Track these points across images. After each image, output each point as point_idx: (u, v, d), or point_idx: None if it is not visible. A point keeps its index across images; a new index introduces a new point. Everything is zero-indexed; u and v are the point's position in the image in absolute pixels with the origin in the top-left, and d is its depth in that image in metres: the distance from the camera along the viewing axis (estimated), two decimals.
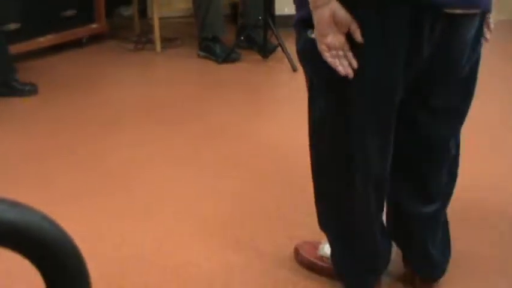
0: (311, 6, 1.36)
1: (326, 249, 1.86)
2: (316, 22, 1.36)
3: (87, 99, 3.47)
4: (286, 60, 3.89)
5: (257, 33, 4.16)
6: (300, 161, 2.60)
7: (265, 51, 4.07)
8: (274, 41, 4.04)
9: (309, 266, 1.92)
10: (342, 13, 1.33)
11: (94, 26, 4.45)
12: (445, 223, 1.81)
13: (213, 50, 4.13)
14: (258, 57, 4.12)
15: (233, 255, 2.01)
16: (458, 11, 1.37)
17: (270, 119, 3.26)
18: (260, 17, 4.01)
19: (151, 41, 4.41)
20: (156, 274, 1.92)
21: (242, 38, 4.19)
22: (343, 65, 1.38)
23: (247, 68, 4.02)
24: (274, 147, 2.83)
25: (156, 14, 4.32)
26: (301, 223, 2.13)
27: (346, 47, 1.37)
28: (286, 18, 4.52)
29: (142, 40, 4.47)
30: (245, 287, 1.87)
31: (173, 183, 2.51)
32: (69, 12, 4.23)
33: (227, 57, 4.07)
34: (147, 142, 2.91)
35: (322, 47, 1.38)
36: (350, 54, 1.38)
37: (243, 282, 1.89)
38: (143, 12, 4.97)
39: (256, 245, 2.06)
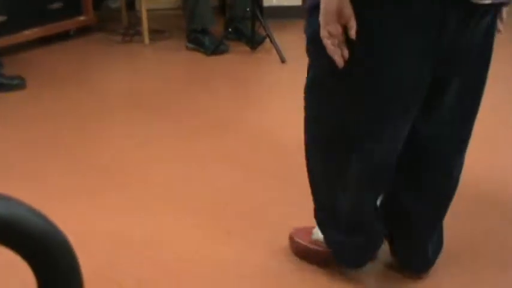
0: None
1: (320, 232, 1.87)
2: (323, 9, 1.38)
3: (74, 92, 3.45)
4: (274, 51, 3.89)
5: (245, 24, 4.14)
6: (290, 152, 2.60)
7: (254, 42, 4.06)
8: (262, 32, 4.03)
9: (305, 251, 1.91)
10: (347, 6, 1.35)
11: (81, 18, 4.42)
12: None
13: (202, 42, 4.11)
14: (247, 48, 4.11)
15: (225, 248, 2.02)
16: (487, 2, 1.35)
17: (259, 111, 3.25)
18: (248, 9, 4.00)
19: (139, 33, 4.39)
20: (148, 268, 1.92)
21: (230, 30, 4.18)
22: (338, 53, 1.40)
23: (236, 60, 4.01)
24: (264, 140, 2.82)
25: (144, 6, 4.30)
26: (293, 215, 2.12)
27: (341, 37, 1.39)
28: (274, 9, 4.50)
29: (130, 32, 4.45)
30: (237, 279, 1.87)
31: (163, 176, 2.50)
32: (56, 5, 4.20)
33: (216, 49, 4.05)
34: (136, 135, 2.90)
35: (324, 33, 1.40)
36: (343, 45, 1.40)
37: (235, 275, 1.89)
38: (131, 5, 4.94)
39: (248, 238, 2.06)
